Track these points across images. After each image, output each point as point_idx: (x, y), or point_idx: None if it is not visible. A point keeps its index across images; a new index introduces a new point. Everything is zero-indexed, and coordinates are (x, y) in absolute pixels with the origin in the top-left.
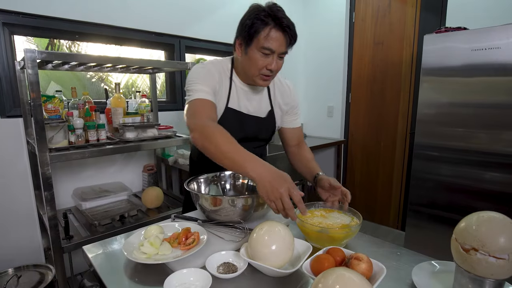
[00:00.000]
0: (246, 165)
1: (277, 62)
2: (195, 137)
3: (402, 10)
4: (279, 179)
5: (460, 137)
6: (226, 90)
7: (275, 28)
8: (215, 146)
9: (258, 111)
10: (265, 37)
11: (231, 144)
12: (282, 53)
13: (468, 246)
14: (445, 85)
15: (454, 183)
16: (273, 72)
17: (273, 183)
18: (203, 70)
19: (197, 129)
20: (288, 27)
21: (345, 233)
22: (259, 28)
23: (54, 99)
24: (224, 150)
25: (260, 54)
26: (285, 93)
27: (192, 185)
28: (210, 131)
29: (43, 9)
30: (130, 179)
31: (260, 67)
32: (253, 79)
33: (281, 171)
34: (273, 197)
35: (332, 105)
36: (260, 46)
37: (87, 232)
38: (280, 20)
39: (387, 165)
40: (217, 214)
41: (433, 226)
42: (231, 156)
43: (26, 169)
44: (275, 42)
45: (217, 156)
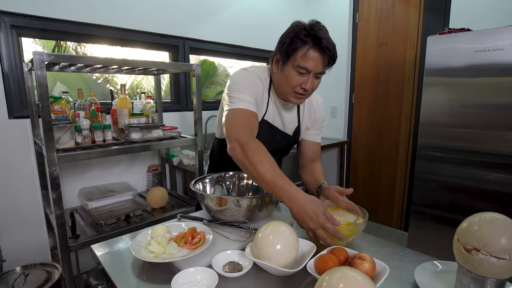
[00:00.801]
0: (283, 197)
1: (312, 81)
2: (235, 149)
3: (406, 11)
4: (312, 216)
5: (463, 138)
6: (266, 102)
7: (314, 48)
8: (254, 168)
9: (287, 127)
10: (302, 56)
11: (271, 169)
12: (319, 73)
13: (470, 246)
14: (448, 86)
15: (457, 184)
16: (307, 91)
17: (304, 218)
18: (248, 77)
19: (238, 142)
20: (327, 48)
21: (350, 230)
22: (298, 46)
23: (61, 100)
24: (263, 176)
25: (296, 72)
26: (313, 109)
27: (198, 185)
28: (253, 149)
29: (50, 12)
30: (135, 179)
31: (294, 85)
32: (286, 96)
33: (316, 204)
34: (306, 228)
35: (335, 106)
36: (297, 64)
37: (93, 232)
38: (320, 40)
39: (390, 165)
40: (222, 214)
41: (436, 226)
42: (268, 182)
43: (33, 169)
44: (312, 61)
45: (254, 177)
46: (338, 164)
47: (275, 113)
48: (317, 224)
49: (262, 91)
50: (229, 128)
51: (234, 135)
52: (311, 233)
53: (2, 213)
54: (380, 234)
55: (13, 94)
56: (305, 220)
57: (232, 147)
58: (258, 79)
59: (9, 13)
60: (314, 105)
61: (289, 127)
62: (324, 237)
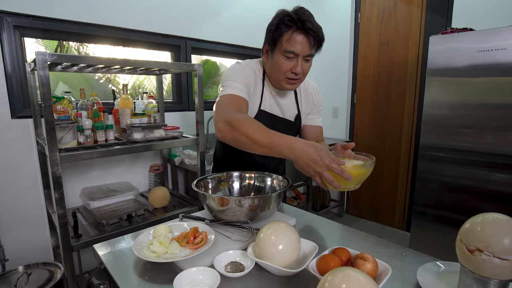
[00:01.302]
0: (284, 151)
1: (302, 65)
2: (222, 129)
3: (408, 11)
4: (316, 158)
5: (466, 138)
6: (260, 92)
7: (298, 31)
8: (247, 136)
9: (287, 114)
10: (288, 40)
11: (263, 131)
12: (307, 55)
13: (473, 247)
14: (451, 86)
15: (459, 184)
16: (298, 75)
17: (309, 163)
18: (240, 68)
19: (224, 120)
20: (311, 29)
21: (357, 170)
22: (283, 31)
23: (63, 100)
24: (257, 139)
25: (284, 57)
26: (310, 95)
27: (200, 185)
28: (239, 121)
29: (53, 12)
30: (137, 179)
31: (284, 70)
32: (280, 83)
33: (317, 147)
34: (313, 174)
35: (337, 106)
36: (284, 49)
37: (95, 231)
38: (303, 22)
39: (392, 165)
40: (224, 214)
41: (438, 227)
42: (266, 143)
43: (36, 169)
44: (298, 44)
45: (250, 146)
46: None
47: (272, 102)
48: (323, 166)
49: (255, 81)
50: (216, 112)
51: (220, 117)
52: (318, 178)
53: (5, 212)
54: (382, 235)
55: (15, 94)
56: (311, 165)
57: (218, 128)
58: (250, 70)
59: (12, 13)
60: (310, 91)
61: (289, 114)
62: (331, 179)
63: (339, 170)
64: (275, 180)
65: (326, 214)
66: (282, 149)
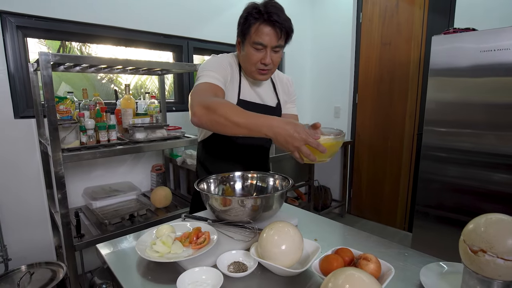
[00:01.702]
0: (263, 130)
1: (271, 56)
2: (198, 112)
3: (410, 11)
4: (294, 134)
5: (468, 138)
6: (237, 82)
7: (265, 23)
8: (226, 118)
9: (267, 101)
10: (256, 32)
11: (241, 112)
12: (276, 46)
13: (476, 247)
14: (453, 86)
15: (462, 184)
16: (268, 65)
17: (288, 139)
18: (216, 60)
19: (200, 104)
20: (277, 21)
21: (330, 142)
22: (251, 24)
23: (66, 100)
24: (236, 120)
25: (253, 49)
26: (285, 85)
27: (202, 185)
28: (216, 103)
29: (55, 12)
30: (139, 179)
31: (254, 61)
32: (252, 74)
33: (295, 124)
34: (291, 149)
35: (339, 106)
36: (252, 41)
37: (98, 231)
38: (270, 14)
39: (394, 166)
40: (226, 214)
41: (441, 227)
42: (245, 123)
43: (39, 168)
44: (265, 36)
45: (228, 128)
46: (342, 164)
47: (250, 91)
48: (301, 140)
49: (232, 73)
50: (192, 99)
51: (195, 101)
52: (296, 153)
53: (8, 212)
54: (384, 235)
55: (18, 94)
56: (289, 140)
57: (194, 113)
58: (227, 62)
59: (15, 14)
60: (285, 81)
61: (269, 101)
62: (308, 153)
63: (315, 143)
64: (277, 180)
65: (328, 214)
66: (261, 128)
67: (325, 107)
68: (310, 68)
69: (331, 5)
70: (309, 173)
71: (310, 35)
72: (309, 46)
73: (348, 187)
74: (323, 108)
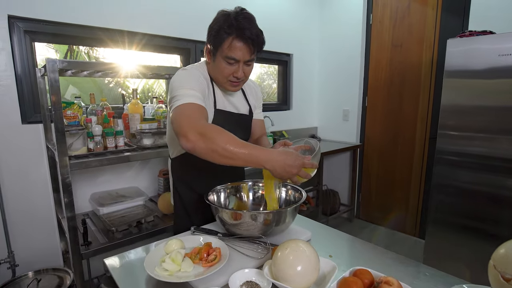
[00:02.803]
0: (262, 163)
1: (243, 69)
2: (193, 140)
3: (422, 12)
4: (292, 163)
5: (484, 143)
6: (211, 92)
7: (237, 39)
8: (225, 149)
9: (241, 110)
10: (228, 47)
11: (241, 143)
12: (248, 61)
13: (509, 275)
14: (469, 89)
15: (478, 190)
16: (240, 79)
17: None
18: (190, 74)
19: (195, 130)
20: (250, 38)
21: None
22: (223, 38)
23: (73, 105)
24: (237, 154)
25: (225, 63)
26: (253, 90)
27: (211, 196)
28: (213, 131)
29: (63, 17)
30: (146, 183)
31: (226, 75)
32: (223, 86)
33: (289, 153)
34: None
35: (347, 109)
36: (224, 55)
37: (105, 238)
38: (242, 31)
39: (405, 170)
40: (237, 228)
41: (454, 234)
42: (245, 156)
43: (46, 174)
44: (238, 51)
45: (226, 158)
46: (350, 168)
47: (224, 100)
48: (299, 166)
49: (207, 84)
50: (180, 121)
51: (187, 126)
52: (294, 178)
53: (15, 217)
54: (394, 241)
55: (26, 99)
56: (289, 170)
57: (188, 139)
58: (200, 74)
59: (23, 18)
60: (252, 86)
61: (242, 109)
62: (305, 174)
63: (311, 164)
64: (289, 190)
65: (336, 219)
66: (261, 161)
67: (333, 110)
68: (318, 70)
69: (340, 6)
70: (318, 178)
71: (318, 37)
72: (317, 48)
73: (357, 191)
74: (331, 111)
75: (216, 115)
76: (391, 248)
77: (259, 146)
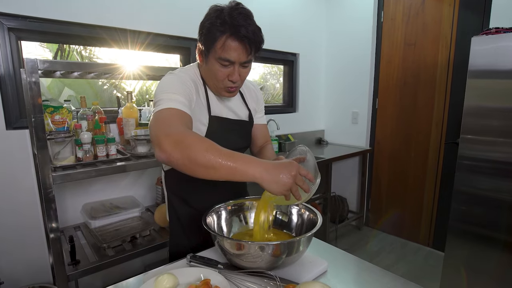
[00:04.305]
0: (249, 170)
1: (239, 72)
2: (167, 148)
3: (438, 9)
4: (282, 177)
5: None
6: (204, 98)
7: (232, 37)
8: (203, 155)
9: (240, 115)
10: (222, 47)
11: (222, 149)
12: (245, 62)
13: None
14: (496, 89)
15: (504, 199)
16: (235, 82)
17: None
18: (177, 78)
19: (169, 137)
20: (246, 37)
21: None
22: (216, 37)
23: (62, 109)
24: (215, 159)
25: (219, 65)
26: (253, 91)
27: (210, 218)
28: (191, 138)
29: (52, 13)
30: (143, 192)
31: (220, 78)
32: (218, 91)
33: (281, 164)
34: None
35: (357, 111)
36: (218, 56)
37: (95, 256)
38: (237, 28)
39: (418, 177)
40: (240, 259)
41: (479, 247)
42: (226, 164)
43: (33, 182)
44: (233, 52)
45: (206, 166)
46: (360, 174)
47: (220, 105)
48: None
49: (197, 90)
50: (156, 129)
51: (162, 134)
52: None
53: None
54: (406, 251)
55: (11, 103)
56: (282, 179)
57: (162, 148)
58: (189, 78)
59: (6, 15)
60: (251, 88)
61: (241, 114)
62: (302, 182)
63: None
64: (302, 209)
65: (345, 227)
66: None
67: (341, 112)
68: (325, 70)
69: (349, 2)
70: (326, 184)
71: (326, 35)
72: (324, 47)
73: (366, 198)
74: (339, 113)
75: (211, 122)
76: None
77: (247, 156)
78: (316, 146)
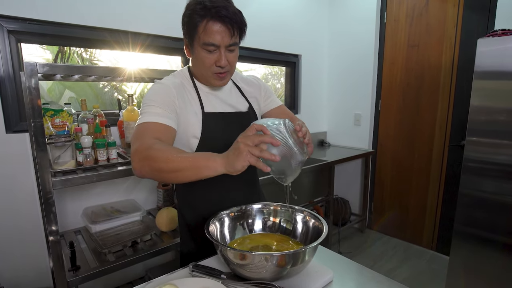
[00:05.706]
0: (209, 164)
1: (226, 56)
2: (138, 167)
3: (442, 9)
4: (233, 151)
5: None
6: (196, 98)
7: (213, 20)
8: (165, 162)
9: (238, 107)
10: (204, 32)
11: (180, 150)
12: (230, 45)
13: None
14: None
15: (511, 202)
16: (224, 67)
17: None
18: (159, 88)
19: (139, 156)
20: (227, 16)
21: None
22: (197, 22)
23: (62, 112)
24: (176, 160)
25: (205, 51)
26: (251, 82)
27: (212, 226)
28: (155, 150)
29: (53, 15)
30: (144, 195)
31: (208, 65)
32: (208, 80)
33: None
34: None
35: (359, 113)
36: (202, 42)
37: (96, 262)
38: (217, 9)
39: (422, 179)
40: (244, 269)
41: (485, 251)
42: (187, 160)
43: (33, 186)
44: (216, 35)
45: (171, 171)
46: (362, 176)
47: (214, 101)
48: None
49: (182, 93)
50: (131, 145)
51: (133, 152)
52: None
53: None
54: (409, 254)
55: (10, 107)
56: (233, 153)
57: (134, 167)
58: (171, 85)
59: (6, 17)
60: (250, 80)
61: (239, 106)
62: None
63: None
64: (307, 216)
65: (348, 229)
66: (208, 156)
67: (344, 114)
68: (327, 71)
69: (351, 3)
70: (329, 187)
71: (328, 36)
72: (326, 49)
73: (369, 200)
74: (341, 115)
75: (206, 120)
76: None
77: (203, 153)
78: (319, 148)
